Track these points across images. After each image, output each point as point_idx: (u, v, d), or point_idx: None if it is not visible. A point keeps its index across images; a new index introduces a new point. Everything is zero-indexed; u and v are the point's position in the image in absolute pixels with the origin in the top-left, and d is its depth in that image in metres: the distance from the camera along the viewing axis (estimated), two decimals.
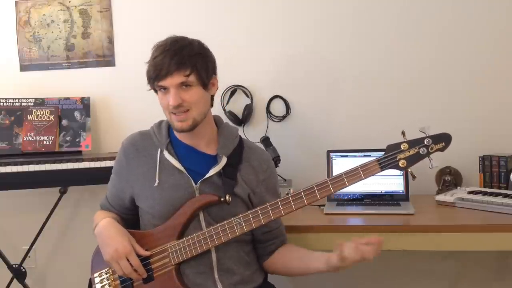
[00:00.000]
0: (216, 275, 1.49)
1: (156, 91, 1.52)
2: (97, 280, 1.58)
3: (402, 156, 1.38)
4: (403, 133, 1.40)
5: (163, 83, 1.45)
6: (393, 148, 1.39)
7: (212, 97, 1.57)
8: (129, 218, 1.65)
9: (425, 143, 1.38)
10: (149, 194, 1.54)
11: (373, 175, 1.39)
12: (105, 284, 1.56)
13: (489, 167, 2.18)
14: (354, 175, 1.39)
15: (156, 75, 1.44)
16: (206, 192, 1.51)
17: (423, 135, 1.39)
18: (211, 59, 1.52)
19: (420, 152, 1.38)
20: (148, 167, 1.55)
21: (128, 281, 1.52)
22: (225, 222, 1.45)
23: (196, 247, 1.46)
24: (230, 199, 1.48)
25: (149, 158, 1.56)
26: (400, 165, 1.38)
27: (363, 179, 1.39)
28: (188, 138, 1.56)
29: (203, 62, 1.48)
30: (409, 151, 1.38)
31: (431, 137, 1.38)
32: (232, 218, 1.45)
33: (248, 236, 1.58)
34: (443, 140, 1.39)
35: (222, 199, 1.48)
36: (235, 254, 1.53)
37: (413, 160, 1.38)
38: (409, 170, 1.39)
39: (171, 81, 1.44)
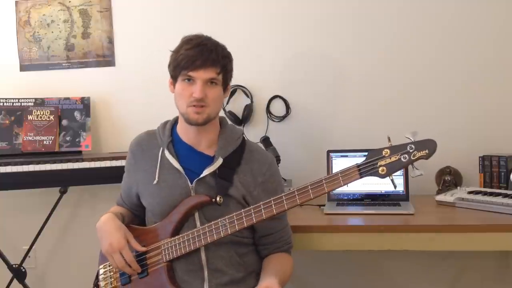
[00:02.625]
0: (205, 274, 1.51)
1: (174, 80, 1.53)
2: (101, 271, 1.63)
3: (382, 162, 1.30)
4: (388, 139, 1.34)
5: (193, 73, 1.46)
6: (374, 154, 1.32)
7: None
8: (140, 214, 1.68)
9: (408, 149, 1.29)
10: (149, 192, 1.58)
11: (352, 182, 1.34)
12: (108, 276, 1.61)
13: (489, 167, 2.18)
14: (333, 181, 1.35)
15: (189, 65, 1.46)
16: (200, 192, 1.52)
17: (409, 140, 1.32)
18: (233, 65, 1.58)
19: (402, 159, 1.29)
20: (150, 165, 1.59)
21: (125, 274, 1.56)
22: (212, 222, 1.46)
23: (185, 245, 1.48)
24: (221, 200, 1.49)
25: (152, 157, 1.59)
26: (380, 171, 1.30)
27: (342, 186, 1.35)
28: (191, 137, 1.58)
29: (230, 66, 1.55)
30: (390, 158, 1.30)
31: (415, 143, 1.29)
32: (219, 219, 1.46)
33: (246, 239, 1.59)
34: (427, 147, 1.29)
35: (214, 200, 1.49)
36: (226, 255, 1.53)
37: (394, 167, 1.30)
38: (391, 177, 1.32)
39: (203, 74, 1.46)
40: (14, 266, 2.42)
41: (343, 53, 2.40)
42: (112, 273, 1.60)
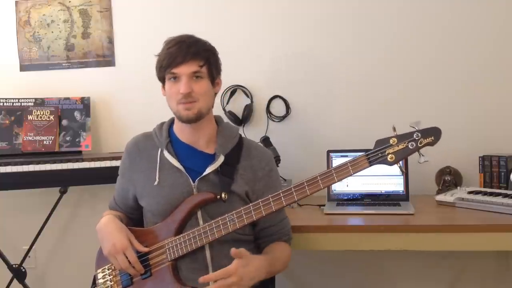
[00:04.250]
0: (210, 273, 1.50)
1: (163, 82, 1.55)
2: (100, 275, 1.62)
3: (391, 150, 1.36)
4: (393, 128, 1.39)
5: (176, 70, 1.48)
6: (382, 143, 1.38)
7: (215, 95, 1.61)
8: (135, 217, 1.68)
9: (414, 137, 1.36)
10: (150, 193, 1.57)
11: (362, 170, 1.39)
12: (107, 280, 1.59)
13: (489, 167, 2.18)
14: (343, 170, 1.39)
15: (170, 62, 1.48)
16: (203, 190, 1.52)
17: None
18: (219, 59, 1.59)
19: (409, 146, 1.36)
20: (149, 166, 1.58)
21: (127, 276, 1.55)
22: (219, 218, 1.47)
23: (191, 243, 1.48)
24: (226, 196, 1.50)
25: (150, 158, 1.59)
26: (389, 159, 1.36)
27: (351, 175, 1.39)
28: (188, 136, 1.59)
29: (214, 59, 1.55)
30: (398, 146, 1.36)
31: (420, 131, 1.37)
32: (226, 215, 1.46)
33: (247, 236, 1.60)
34: (432, 134, 1.36)
35: (218, 196, 1.50)
36: (229, 253, 1.53)
37: (402, 154, 1.36)
38: (398, 164, 1.38)
39: (186, 69, 1.48)
40: (14, 266, 2.42)
41: (343, 53, 2.40)
42: (111, 276, 1.59)
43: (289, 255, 1.62)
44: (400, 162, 1.38)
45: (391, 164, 1.36)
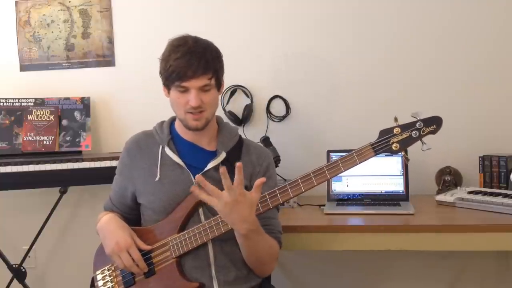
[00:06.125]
0: (213, 271, 1.51)
1: (168, 88, 1.54)
2: (99, 277, 1.61)
3: (395, 139, 1.42)
4: (395, 119, 1.43)
5: (186, 84, 1.47)
6: (386, 133, 1.43)
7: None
8: (131, 218, 1.67)
9: (417, 126, 1.41)
10: (150, 189, 1.57)
11: (367, 160, 1.42)
12: (107, 281, 1.58)
13: (489, 167, 2.18)
14: (348, 160, 1.42)
15: (180, 76, 1.46)
16: None
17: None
18: (223, 61, 1.57)
19: (412, 135, 1.41)
20: (150, 163, 1.59)
21: (129, 276, 1.54)
22: None
23: (196, 239, 1.48)
24: None
25: (151, 155, 1.60)
26: (393, 148, 1.41)
27: (357, 164, 1.42)
28: (190, 135, 1.59)
29: (220, 66, 1.55)
30: (401, 135, 1.41)
31: (423, 120, 1.41)
32: None
33: None
34: (434, 122, 1.42)
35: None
36: (231, 251, 1.54)
37: (405, 143, 1.41)
38: (403, 153, 1.42)
39: (196, 83, 1.47)
40: (14, 266, 2.42)
41: (343, 53, 2.40)
42: (112, 277, 1.58)
43: (276, 251, 1.56)
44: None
45: (395, 152, 1.42)
